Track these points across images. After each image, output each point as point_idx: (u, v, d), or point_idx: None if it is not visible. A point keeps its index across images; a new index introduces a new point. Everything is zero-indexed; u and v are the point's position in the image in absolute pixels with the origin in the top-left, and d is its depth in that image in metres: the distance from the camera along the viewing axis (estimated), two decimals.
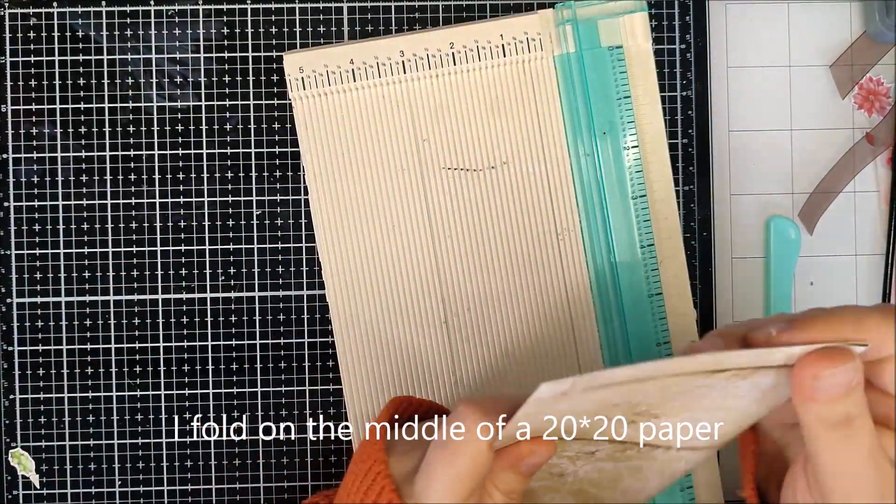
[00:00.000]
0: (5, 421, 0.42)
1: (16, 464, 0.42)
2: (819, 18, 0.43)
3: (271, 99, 0.42)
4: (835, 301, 0.43)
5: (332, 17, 0.42)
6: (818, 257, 0.43)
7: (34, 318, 0.42)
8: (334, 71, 0.40)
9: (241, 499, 0.42)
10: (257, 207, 0.42)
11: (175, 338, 0.42)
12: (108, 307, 0.42)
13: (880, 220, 0.44)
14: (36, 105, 0.42)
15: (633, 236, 0.40)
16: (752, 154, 0.43)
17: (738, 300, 0.43)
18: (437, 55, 0.40)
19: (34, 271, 0.42)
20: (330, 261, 0.41)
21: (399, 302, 0.41)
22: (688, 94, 0.42)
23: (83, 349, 0.42)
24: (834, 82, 0.44)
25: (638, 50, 0.41)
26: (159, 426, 0.42)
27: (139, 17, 0.42)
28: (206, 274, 0.42)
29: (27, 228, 0.42)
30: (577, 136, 0.41)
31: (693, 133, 0.42)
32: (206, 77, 0.42)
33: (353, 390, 0.41)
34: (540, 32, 0.41)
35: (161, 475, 0.42)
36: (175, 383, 0.42)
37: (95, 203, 0.42)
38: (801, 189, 0.43)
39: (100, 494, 0.42)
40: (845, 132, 0.44)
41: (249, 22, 0.42)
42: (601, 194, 0.40)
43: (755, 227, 0.43)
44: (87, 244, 0.42)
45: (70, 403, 0.42)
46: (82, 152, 0.42)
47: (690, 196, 0.43)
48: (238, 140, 0.42)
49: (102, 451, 0.42)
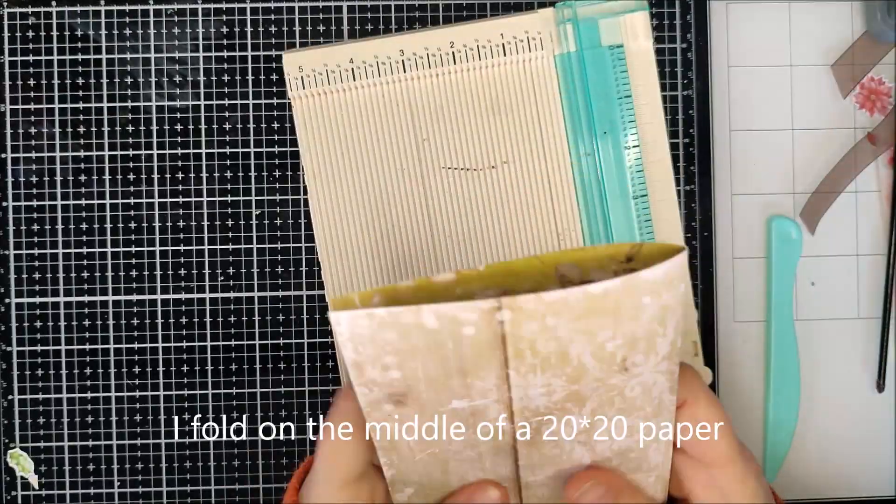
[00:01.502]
0: (4, 421, 0.42)
1: (14, 464, 0.42)
2: (820, 18, 0.43)
3: (271, 98, 0.42)
4: (835, 300, 0.43)
5: (332, 16, 0.42)
6: (820, 257, 0.43)
7: (33, 319, 0.42)
8: (334, 70, 0.40)
9: (240, 499, 0.42)
10: (257, 207, 0.42)
11: (174, 338, 0.42)
12: (108, 307, 0.42)
13: (882, 220, 0.43)
14: (35, 104, 0.42)
15: (633, 236, 0.40)
16: (753, 154, 0.43)
17: (739, 300, 0.43)
18: (437, 54, 0.40)
19: (33, 271, 0.42)
20: (330, 261, 0.41)
21: None
22: (689, 93, 0.42)
23: (82, 349, 0.42)
24: (835, 82, 0.43)
25: (639, 49, 0.40)
26: (159, 426, 0.42)
27: (138, 16, 0.42)
28: (205, 274, 0.42)
29: (26, 228, 0.42)
30: (578, 136, 0.40)
31: (694, 132, 0.42)
32: (205, 76, 0.42)
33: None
34: (540, 31, 0.40)
35: (160, 476, 0.42)
36: (175, 383, 0.42)
37: (94, 203, 0.42)
38: (803, 189, 0.43)
39: (99, 495, 0.42)
40: (847, 132, 0.43)
41: (249, 21, 0.42)
42: (602, 194, 0.40)
43: (756, 227, 0.43)
44: (86, 244, 0.42)
45: (69, 404, 0.42)
46: (81, 152, 0.42)
47: (691, 196, 0.42)
48: (237, 140, 0.42)
49: (102, 451, 0.42)
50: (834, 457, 0.43)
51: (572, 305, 0.26)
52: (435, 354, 0.27)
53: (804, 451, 0.43)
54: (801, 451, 0.43)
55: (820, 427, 0.43)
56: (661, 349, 0.28)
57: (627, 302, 0.27)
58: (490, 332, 0.27)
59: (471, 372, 0.28)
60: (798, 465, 0.43)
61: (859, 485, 0.43)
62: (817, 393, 0.43)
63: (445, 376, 0.28)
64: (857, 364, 0.43)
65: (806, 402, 0.43)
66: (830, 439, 0.43)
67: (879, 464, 0.44)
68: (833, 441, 0.43)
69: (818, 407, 0.43)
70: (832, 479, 0.43)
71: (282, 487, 0.42)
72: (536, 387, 0.28)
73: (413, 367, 0.28)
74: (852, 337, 0.43)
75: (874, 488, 0.44)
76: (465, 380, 0.28)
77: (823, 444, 0.43)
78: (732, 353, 0.43)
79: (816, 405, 0.43)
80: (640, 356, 0.28)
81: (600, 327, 0.27)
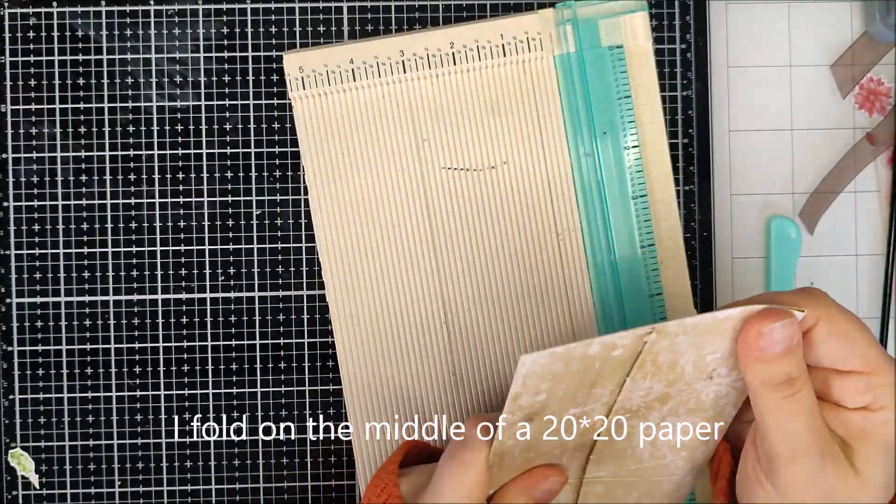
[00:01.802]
0: (5, 421, 0.42)
1: (15, 464, 0.42)
2: (819, 18, 0.43)
3: (271, 99, 0.42)
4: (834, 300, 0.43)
5: (332, 16, 0.42)
6: (819, 257, 0.43)
7: (34, 319, 0.42)
8: (334, 71, 0.40)
9: (240, 499, 0.42)
10: (257, 207, 0.42)
11: (175, 338, 0.42)
12: (108, 307, 0.42)
13: (881, 220, 0.44)
14: (35, 105, 0.42)
15: (633, 236, 0.40)
16: (752, 154, 0.43)
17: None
18: (437, 55, 0.40)
19: (34, 271, 0.42)
20: (330, 261, 0.41)
21: (399, 302, 0.41)
22: (688, 93, 0.42)
23: (83, 349, 0.42)
24: (834, 82, 0.43)
25: (638, 49, 0.40)
26: (159, 426, 0.42)
27: (139, 16, 0.42)
28: (205, 274, 0.42)
29: (27, 228, 0.42)
30: (578, 136, 0.40)
31: (693, 133, 0.42)
32: (205, 77, 0.42)
33: (353, 390, 0.41)
34: (540, 32, 0.40)
35: (161, 475, 0.42)
36: (175, 383, 0.42)
37: (95, 203, 0.42)
38: (802, 189, 0.43)
39: (99, 495, 0.42)
40: (846, 132, 0.43)
41: (249, 21, 0.42)
42: (601, 194, 0.40)
43: (756, 227, 0.43)
44: (86, 244, 0.42)
45: (70, 403, 0.42)
46: (82, 152, 0.42)
47: (691, 196, 0.42)
48: (238, 140, 0.42)
49: (102, 451, 0.42)
50: None
51: (700, 327, 0.30)
52: (582, 375, 0.30)
53: None
54: None
55: None
56: None
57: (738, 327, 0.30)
58: (632, 351, 0.30)
59: (598, 384, 0.31)
60: None
61: None
62: None
63: (580, 389, 0.31)
64: None
65: None
66: None
67: None
68: None
69: None
70: None
71: (282, 487, 0.42)
72: (641, 390, 0.32)
73: (557, 389, 0.30)
74: None
75: None
76: (590, 390, 0.31)
77: None
78: None
79: None
80: (726, 369, 0.31)
81: (709, 342, 0.30)
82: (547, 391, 0.30)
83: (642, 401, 0.32)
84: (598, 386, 0.31)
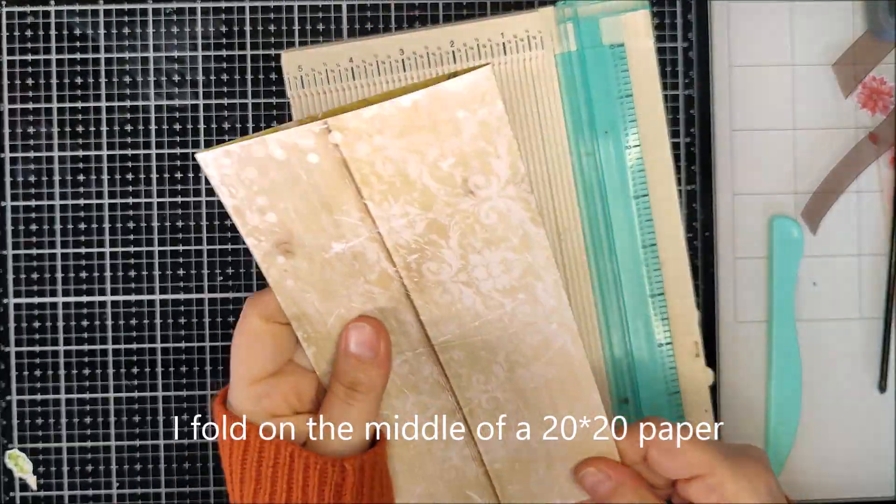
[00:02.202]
0: (2, 422, 0.42)
1: (13, 465, 0.41)
2: (822, 17, 0.43)
3: (270, 97, 0.42)
4: (837, 300, 0.43)
5: (332, 15, 0.42)
6: (821, 257, 0.43)
7: (31, 319, 0.42)
8: (333, 69, 0.40)
9: None
10: None
11: (174, 338, 0.42)
12: (106, 307, 0.42)
13: (884, 220, 0.43)
14: (33, 104, 0.41)
15: (634, 236, 0.40)
16: (754, 153, 0.43)
17: (740, 300, 0.43)
18: (437, 53, 0.40)
19: (31, 271, 0.42)
20: None
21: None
22: (690, 92, 0.42)
23: (80, 350, 0.42)
24: (837, 81, 0.43)
25: (640, 48, 0.40)
26: (158, 427, 0.42)
27: (137, 15, 0.42)
28: (204, 274, 0.42)
29: (24, 228, 0.42)
30: (579, 135, 0.40)
31: (695, 132, 0.42)
32: (204, 75, 0.42)
33: None
34: (541, 30, 0.40)
35: (160, 476, 0.42)
36: (174, 384, 0.42)
37: (93, 202, 0.42)
38: (804, 188, 0.43)
39: (98, 496, 0.42)
40: (848, 131, 0.43)
41: (248, 20, 0.42)
42: (602, 194, 0.40)
43: (758, 227, 0.43)
44: (84, 244, 0.42)
45: (67, 404, 0.42)
46: (80, 151, 0.42)
47: (692, 195, 0.42)
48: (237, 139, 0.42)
49: (101, 452, 0.42)
50: (835, 457, 0.43)
51: (389, 121, 0.30)
52: (295, 189, 0.31)
53: (806, 452, 0.43)
54: (803, 452, 0.43)
55: (821, 428, 0.43)
56: (500, 172, 0.31)
57: (442, 116, 0.30)
58: (331, 159, 0.30)
59: (333, 206, 0.31)
60: (800, 466, 0.43)
61: (861, 486, 0.43)
62: (819, 393, 0.43)
63: (313, 213, 0.31)
64: (859, 364, 0.43)
65: (807, 402, 0.43)
66: (832, 440, 0.43)
67: (881, 465, 0.43)
68: (835, 442, 0.43)
69: (820, 407, 0.43)
70: (833, 480, 0.43)
71: None
72: (396, 217, 0.31)
73: (284, 208, 0.31)
74: (854, 337, 0.43)
75: (876, 489, 0.43)
76: (331, 216, 0.31)
77: (825, 444, 0.43)
78: (734, 353, 0.43)
79: (818, 406, 0.43)
80: (480, 177, 0.31)
81: (425, 144, 0.30)
82: (272, 209, 0.31)
83: (414, 234, 0.31)
84: (337, 210, 0.31)
